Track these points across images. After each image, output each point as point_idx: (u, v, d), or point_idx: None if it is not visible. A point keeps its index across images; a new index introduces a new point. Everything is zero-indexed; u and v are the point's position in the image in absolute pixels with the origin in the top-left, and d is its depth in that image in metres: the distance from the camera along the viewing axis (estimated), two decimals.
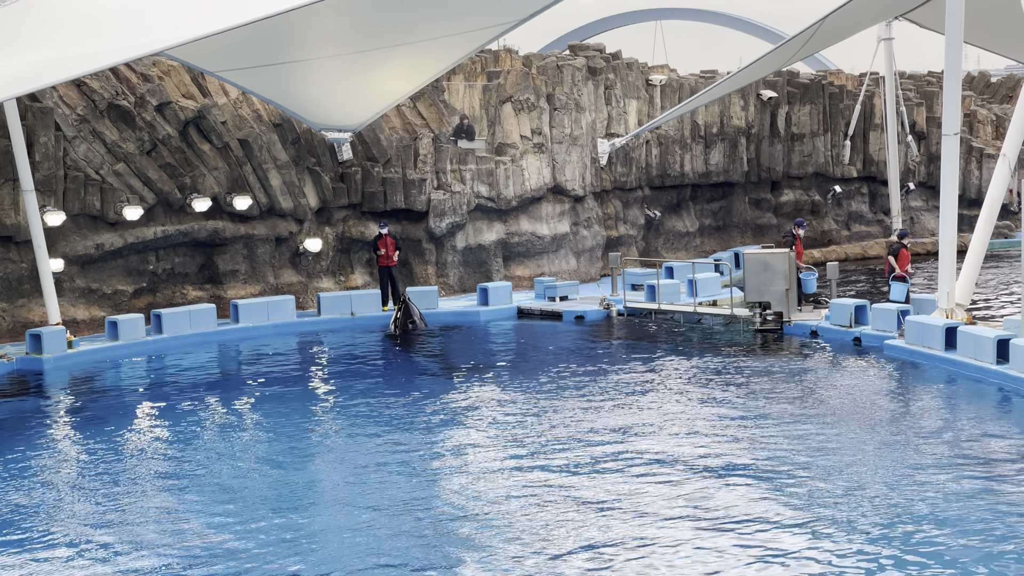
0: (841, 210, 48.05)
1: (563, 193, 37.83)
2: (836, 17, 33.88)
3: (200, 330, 29.39)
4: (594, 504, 15.53)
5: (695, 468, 17.09)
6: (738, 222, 45.06)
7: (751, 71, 37.29)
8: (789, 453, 17.71)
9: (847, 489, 15.78)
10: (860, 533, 14.07)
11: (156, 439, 20.10)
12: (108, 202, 29.77)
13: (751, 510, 15.05)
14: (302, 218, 33.13)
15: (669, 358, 25.86)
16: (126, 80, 30.54)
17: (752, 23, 72.22)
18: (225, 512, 15.67)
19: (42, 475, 17.90)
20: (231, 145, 31.78)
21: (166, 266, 31.26)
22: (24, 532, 15.14)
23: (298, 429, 20.42)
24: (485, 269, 35.70)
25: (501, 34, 30.32)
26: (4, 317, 28.44)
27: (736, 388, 22.45)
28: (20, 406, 23.10)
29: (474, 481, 16.86)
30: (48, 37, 24.73)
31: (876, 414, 20.20)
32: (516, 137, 36.74)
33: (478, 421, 20.60)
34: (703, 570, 13.15)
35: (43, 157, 28.59)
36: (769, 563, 13.25)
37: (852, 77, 50.14)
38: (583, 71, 38.91)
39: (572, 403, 21.57)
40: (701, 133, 42.98)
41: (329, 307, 31.50)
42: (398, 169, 34.40)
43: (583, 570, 13.25)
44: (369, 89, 31.45)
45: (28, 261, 28.28)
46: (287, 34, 27.57)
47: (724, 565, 13.25)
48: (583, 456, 17.94)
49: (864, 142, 48.54)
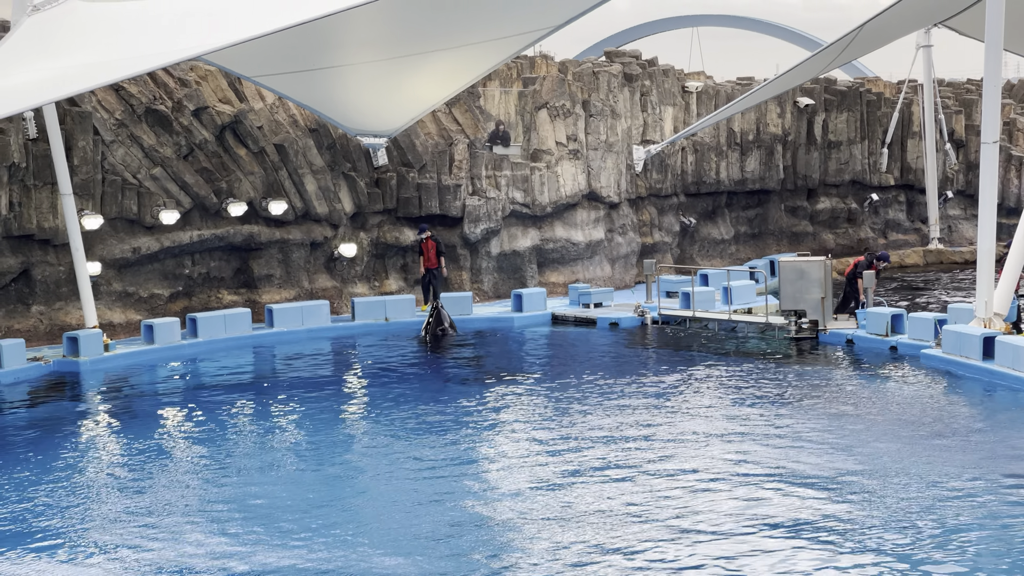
0: (878, 218, 47.81)
1: (598, 200, 37.76)
2: (874, 24, 33.72)
3: (235, 334, 29.47)
4: (634, 512, 15.46)
5: (735, 476, 17.00)
6: (774, 230, 44.90)
7: (788, 78, 37.15)
8: (829, 462, 17.58)
9: (891, 501, 15.65)
10: (909, 543, 13.96)
11: (190, 442, 20.14)
12: (145, 206, 29.91)
13: (790, 517, 14.96)
14: (337, 223, 33.20)
15: (704, 366, 25.76)
16: (164, 85, 30.68)
17: (789, 30, 71.93)
18: (258, 515, 15.70)
19: (77, 477, 17.97)
20: (267, 150, 31.89)
21: (202, 270, 31.38)
22: (58, 534, 15.20)
23: (331, 433, 20.43)
24: (519, 275, 35.67)
25: (537, 40, 30.31)
26: (42, 320, 28.61)
27: (772, 397, 22.33)
28: (57, 408, 23.21)
29: (511, 488, 16.83)
30: (86, 41, 24.88)
31: (914, 424, 20.04)
32: (551, 143, 36.71)
33: (511, 428, 20.56)
34: None
35: (81, 161, 28.75)
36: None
37: (890, 84, 49.90)
38: (619, 77, 38.85)
39: (605, 410, 21.50)
40: (737, 140, 42.84)
41: (363, 312, 31.53)
42: (433, 175, 34.43)
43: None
44: (405, 95, 31.48)
45: (66, 264, 28.44)
46: (323, 39, 27.63)
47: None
48: (620, 461, 17.87)
49: (902, 150, 48.29)
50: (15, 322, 28.28)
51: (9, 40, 25.46)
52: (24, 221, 28.03)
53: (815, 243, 45.13)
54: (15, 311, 28.40)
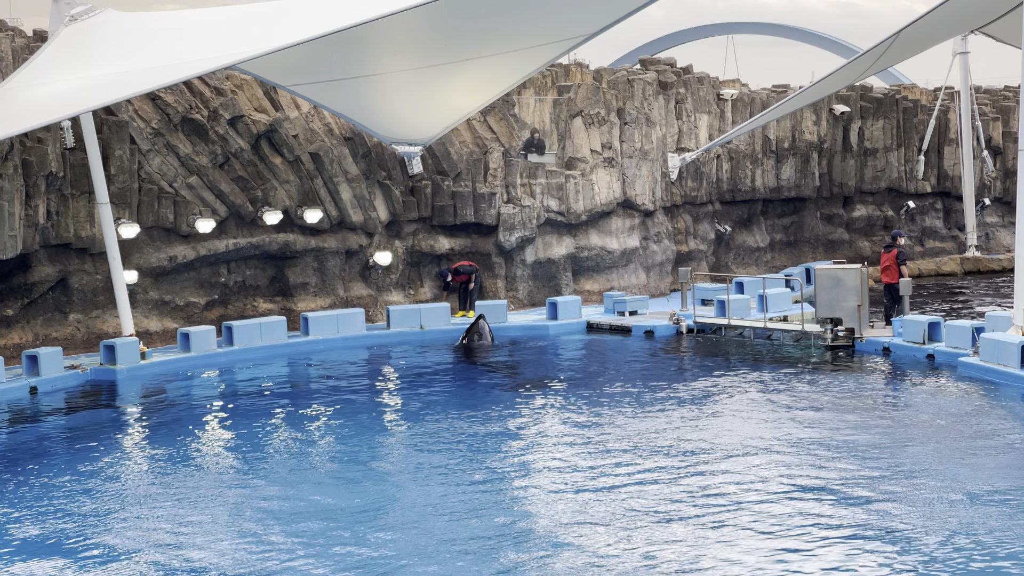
0: (915, 226, 47.55)
1: (633, 208, 37.71)
2: (910, 31, 33.56)
3: (271, 342, 29.57)
4: (671, 517, 15.42)
5: (771, 484, 16.93)
6: (809, 237, 44.72)
7: (823, 85, 37.01)
8: (866, 470, 17.49)
9: (929, 511, 15.55)
10: (946, 551, 13.87)
11: (226, 449, 20.21)
12: (181, 215, 30.06)
13: (828, 524, 14.89)
14: (372, 231, 33.27)
15: (739, 374, 25.66)
16: (199, 94, 30.83)
17: (825, 37, 71.70)
18: (292, 521, 15.73)
19: (115, 484, 18.05)
20: (302, 159, 31.99)
21: (237, 278, 31.51)
22: (97, 543, 15.26)
23: (367, 441, 20.44)
24: (554, 283, 35.65)
25: (572, 48, 30.28)
26: (79, 328, 28.78)
27: (808, 405, 22.22)
28: (94, 416, 23.32)
29: (550, 498, 16.81)
30: (123, 51, 25.06)
31: (951, 433, 19.90)
32: (586, 151, 36.69)
33: (545, 436, 20.54)
34: None
35: (118, 170, 28.93)
36: None
37: (926, 91, 49.64)
38: (654, 85, 38.80)
39: (640, 418, 21.44)
40: (772, 148, 42.71)
41: (399, 320, 31.58)
42: (468, 183, 34.46)
43: None
44: (440, 103, 31.53)
45: (103, 273, 28.61)
46: (358, 48, 27.70)
47: None
48: (656, 468, 17.83)
49: (939, 157, 48.03)
50: (53, 330, 28.47)
51: (47, 50, 25.68)
52: (61, 230, 28.22)
53: (851, 251, 44.93)
54: (53, 319, 28.59)
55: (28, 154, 27.14)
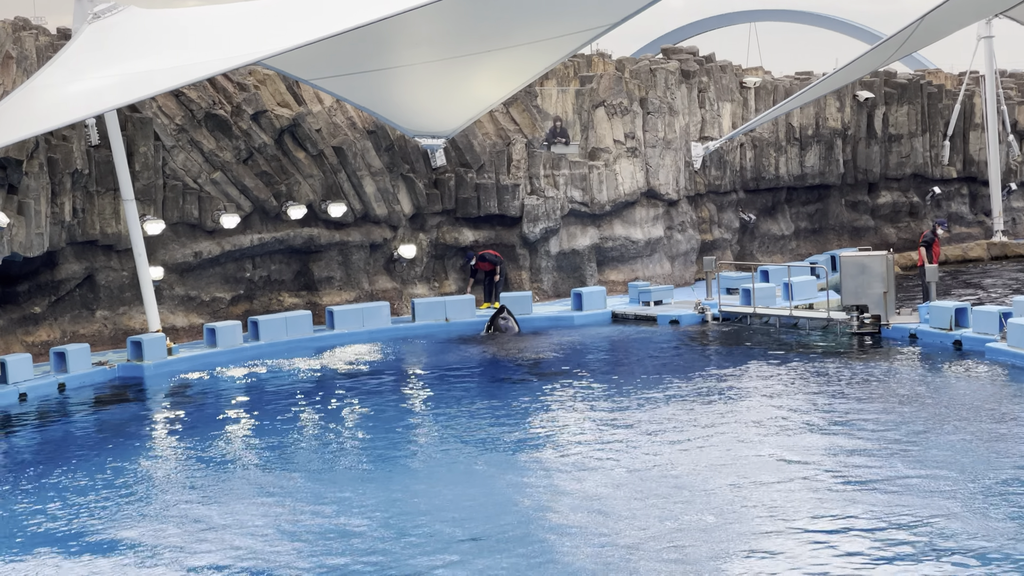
0: (940, 212, 47.33)
1: (657, 197, 37.66)
2: (934, 16, 33.37)
3: (296, 336, 29.64)
4: (700, 507, 15.42)
5: (801, 472, 16.92)
6: (834, 224, 44.56)
7: (847, 72, 36.84)
8: (895, 457, 17.45)
9: (961, 496, 15.50)
10: (980, 538, 13.83)
11: (255, 444, 20.28)
12: (206, 210, 30.16)
13: (857, 513, 14.86)
14: (396, 224, 33.31)
15: (767, 362, 25.62)
16: (223, 90, 30.92)
17: (848, 23, 71.32)
18: (321, 514, 15.78)
19: (144, 480, 18.14)
20: (326, 152, 32.05)
21: (262, 273, 31.60)
22: (127, 538, 15.35)
23: (393, 434, 20.49)
24: (579, 274, 35.63)
25: (594, 38, 30.25)
26: (106, 325, 28.92)
27: (835, 392, 22.17)
28: (123, 412, 23.45)
29: (580, 485, 16.84)
30: (146, 48, 25.15)
31: (980, 418, 19.83)
32: (609, 141, 36.64)
33: (572, 426, 20.54)
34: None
35: (143, 167, 29.04)
36: None
37: (951, 76, 49.39)
38: (676, 74, 38.71)
39: (666, 408, 21.44)
40: (796, 135, 42.57)
41: (424, 313, 31.62)
42: (491, 175, 34.46)
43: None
44: (462, 95, 31.53)
45: (129, 269, 28.73)
46: (380, 41, 27.72)
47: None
48: (682, 458, 17.82)
49: (964, 142, 47.79)
50: (80, 327, 28.62)
51: (71, 48, 25.78)
52: (87, 227, 28.35)
53: (876, 237, 44.73)
54: (80, 316, 28.73)
55: (53, 152, 27.28)
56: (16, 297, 27.74)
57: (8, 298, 27.61)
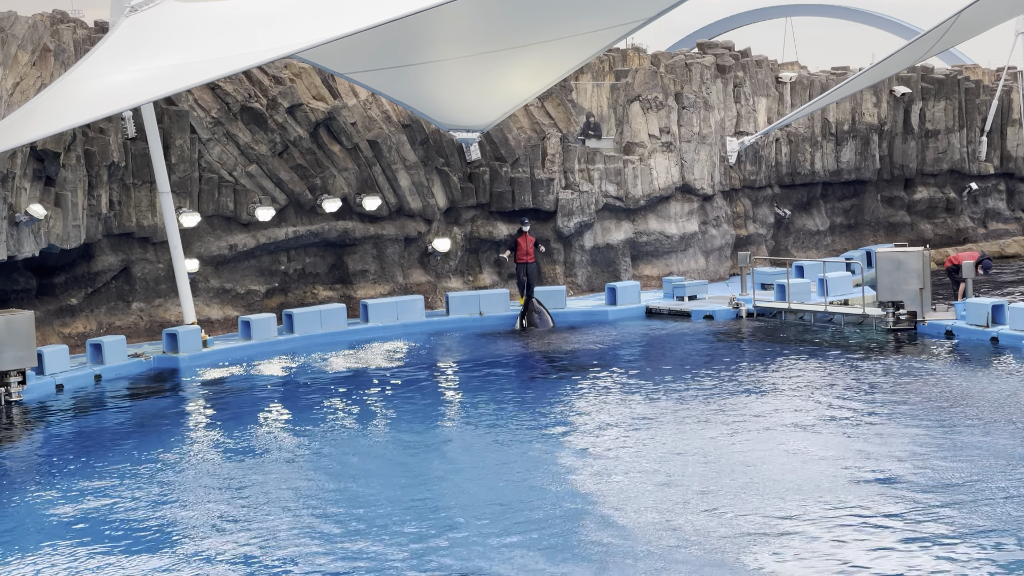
0: (977, 208, 47.05)
1: (692, 192, 37.56)
2: (972, 11, 33.14)
3: (331, 330, 29.72)
4: (732, 502, 15.40)
5: (835, 469, 16.86)
6: (870, 220, 44.34)
7: (884, 67, 36.65)
8: (931, 457, 17.35)
9: (998, 497, 15.42)
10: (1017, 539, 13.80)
11: (291, 436, 20.34)
12: (241, 203, 30.26)
13: (893, 512, 14.80)
14: (431, 218, 33.34)
15: (802, 358, 25.53)
16: (258, 83, 31.01)
17: (885, 18, 70.94)
18: (354, 508, 15.83)
19: (180, 473, 18.23)
20: (361, 146, 32.10)
21: (297, 266, 31.69)
22: (162, 532, 15.43)
23: (428, 428, 20.52)
24: (613, 268, 35.59)
25: (629, 33, 30.19)
26: (142, 317, 29.07)
27: (870, 389, 22.07)
28: (158, 404, 23.56)
29: (617, 480, 16.83)
30: (183, 41, 25.24)
31: (1018, 415, 19.70)
32: (644, 136, 36.57)
33: (607, 420, 20.52)
34: None
35: (179, 159, 29.16)
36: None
37: (989, 72, 49.06)
38: (712, 69, 38.60)
39: (700, 403, 21.40)
40: (832, 130, 42.38)
41: (458, 307, 31.64)
42: (526, 169, 34.45)
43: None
44: (497, 89, 31.53)
45: (164, 262, 28.87)
46: (416, 36, 27.75)
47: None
48: (717, 453, 17.79)
49: (1001, 138, 47.47)
50: (116, 319, 28.77)
51: (108, 41, 25.90)
52: (124, 219, 28.50)
53: (912, 233, 44.49)
54: (116, 308, 28.89)
55: (90, 144, 27.43)
56: (53, 289, 27.91)
57: (45, 290, 27.79)
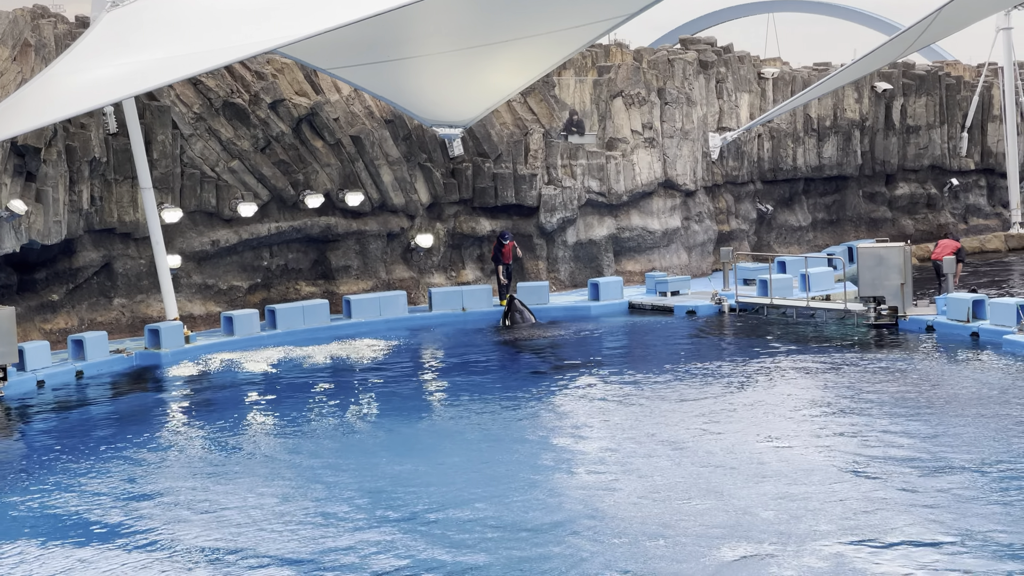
0: (958, 203, 47.23)
1: (674, 188, 37.63)
2: (953, 7, 33.25)
3: (313, 325, 29.70)
4: (718, 498, 15.43)
5: (821, 464, 16.91)
6: (852, 216, 44.49)
7: (865, 63, 36.75)
8: (912, 450, 17.41)
9: (979, 490, 15.48)
10: (1001, 532, 13.83)
11: (273, 431, 20.31)
12: (223, 199, 30.22)
13: (878, 506, 14.86)
14: (413, 214, 33.34)
15: (784, 354, 25.59)
16: (241, 78, 30.96)
17: (866, 14, 71.12)
18: (339, 501, 15.83)
19: (160, 466, 18.19)
20: (343, 142, 32.08)
21: (280, 262, 31.66)
22: (149, 528, 15.40)
23: (410, 422, 20.51)
24: (596, 264, 35.63)
25: (612, 29, 30.22)
26: (123, 312, 29.01)
27: (852, 384, 22.13)
28: (140, 400, 23.51)
29: (602, 476, 16.85)
30: (164, 36, 25.16)
31: (998, 410, 19.78)
32: (627, 132, 36.62)
33: (589, 416, 20.55)
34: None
35: (161, 155, 29.10)
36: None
37: (970, 68, 49.25)
38: (694, 65, 38.66)
39: (684, 398, 21.43)
40: (814, 126, 42.50)
41: (440, 302, 31.65)
42: (509, 164, 34.47)
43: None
44: (480, 85, 31.53)
45: (146, 257, 28.81)
46: (398, 31, 27.73)
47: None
48: (702, 449, 17.82)
49: (982, 134, 47.66)
50: (98, 315, 28.71)
51: (89, 36, 25.81)
52: (105, 215, 28.44)
53: (894, 229, 44.66)
54: (97, 304, 28.82)
55: (72, 140, 27.35)
56: (34, 285, 27.84)
57: (26, 286, 27.72)
